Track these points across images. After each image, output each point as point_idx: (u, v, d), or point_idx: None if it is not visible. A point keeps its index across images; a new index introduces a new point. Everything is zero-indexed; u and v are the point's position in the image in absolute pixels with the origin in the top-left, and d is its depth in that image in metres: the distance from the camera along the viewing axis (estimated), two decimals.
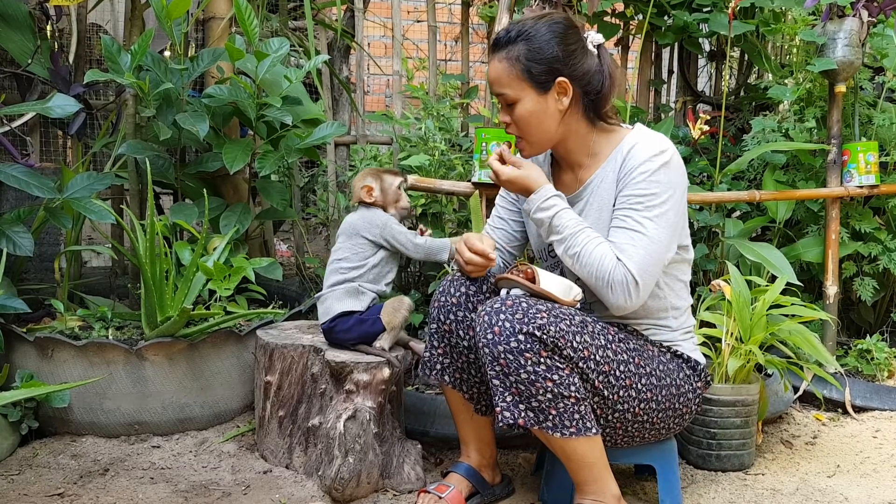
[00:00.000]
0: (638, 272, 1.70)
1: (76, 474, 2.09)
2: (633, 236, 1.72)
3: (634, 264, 1.70)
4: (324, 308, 2.10)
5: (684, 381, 1.84)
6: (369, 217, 2.12)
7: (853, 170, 2.76)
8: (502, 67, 1.77)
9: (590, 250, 1.73)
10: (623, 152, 1.78)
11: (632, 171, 1.74)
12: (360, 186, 2.13)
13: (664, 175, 1.73)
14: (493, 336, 1.66)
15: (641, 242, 1.71)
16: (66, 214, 2.46)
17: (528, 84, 1.76)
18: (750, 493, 2.07)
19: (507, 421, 1.68)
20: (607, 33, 3.21)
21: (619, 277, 1.71)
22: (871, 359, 2.81)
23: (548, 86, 1.76)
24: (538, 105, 1.77)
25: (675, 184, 1.75)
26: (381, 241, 2.10)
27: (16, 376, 2.25)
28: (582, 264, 1.74)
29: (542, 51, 1.74)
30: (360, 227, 2.11)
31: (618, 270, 1.70)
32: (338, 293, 2.08)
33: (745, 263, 2.74)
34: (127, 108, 2.72)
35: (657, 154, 1.74)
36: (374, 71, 5.65)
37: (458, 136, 2.93)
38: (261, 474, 2.11)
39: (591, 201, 1.83)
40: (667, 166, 1.74)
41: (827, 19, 2.72)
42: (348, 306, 2.07)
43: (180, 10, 2.46)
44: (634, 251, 1.71)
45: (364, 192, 2.12)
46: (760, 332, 2.18)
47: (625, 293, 1.71)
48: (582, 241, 1.74)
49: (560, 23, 1.78)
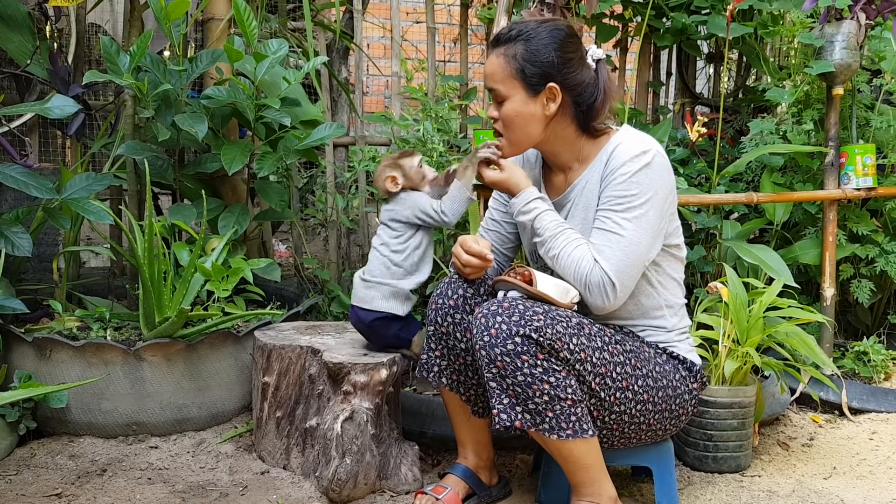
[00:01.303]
0: (614, 273, 1.71)
1: (74, 475, 2.09)
2: (610, 238, 1.73)
3: (611, 266, 1.71)
4: (367, 295, 2.05)
5: (680, 382, 1.85)
6: (400, 201, 2.06)
7: (850, 172, 2.76)
8: (498, 63, 1.80)
9: (568, 252, 1.75)
10: (608, 152, 1.80)
11: (613, 172, 1.76)
12: (384, 178, 2.07)
13: (645, 176, 1.74)
14: (490, 338, 1.66)
15: (619, 244, 1.72)
16: (65, 215, 2.46)
17: (520, 84, 1.78)
18: (746, 494, 2.08)
19: (503, 423, 1.68)
20: (606, 35, 3.22)
21: (595, 279, 1.72)
22: (868, 361, 2.81)
23: (538, 89, 1.78)
24: (526, 107, 1.80)
25: (656, 185, 1.75)
26: (415, 219, 2.03)
27: (14, 377, 2.26)
28: (561, 266, 1.76)
29: (539, 54, 1.76)
30: (394, 213, 2.06)
31: (594, 272, 1.72)
32: (385, 292, 2.04)
33: (742, 265, 2.75)
34: (126, 108, 2.73)
35: (639, 155, 1.74)
36: (373, 72, 5.65)
37: (456, 138, 2.94)
38: (258, 475, 2.11)
39: (577, 203, 1.85)
40: (648, 167, 1.74)
41: (825, 22, 2.72)
42: (393, 308, 2.04)
43: (179, 11, 2.46)
44: (611, 253, 1.72)
45: (390, 183, 2.07)
46: (757, 334, 2.19)
47: (602, 294, 1.73)
48: (561, 242, 1.76)
49: (562, 30, 1.80)
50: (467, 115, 3.30)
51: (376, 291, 2.04)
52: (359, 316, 2.07)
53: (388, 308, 2.03)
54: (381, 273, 2.04)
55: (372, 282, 2.05)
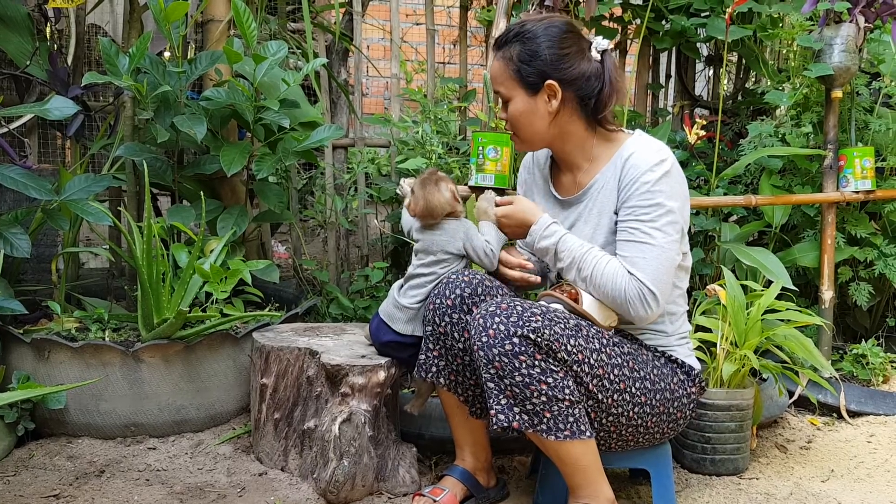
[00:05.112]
0: (652, 282, 1.72)
1: (72, 476, 2.09)
2: (642, 248, 1.73)
3: (647, 276, 1.72)
4: (402, 315, 1.99)
5: (678, 386, 1.85)
6: (449, 230, 1.96)
7: (849, 175, 2.77)
8: (498, 66, 1.84)
9: (601, 269, 1.75)
10: (623, 157, 1.79)
11: (634, 182, 1.76)
12: (448, 191, 1.94)
13: (666, 185, 1.75)
14: (488, 339, 1.67)
15: (652, 253, 1.73)
16: (64, 216, 2.46)
17: (519, 85, 1.81)
18: (744, 497, 2.08)
19: (501, 424, 1.69)
20: (605, 37, 3.22)
21: (633, 292, 1.72)
22: (867, 364, 2.81)
23: (537, 87, 1.80)
24: (528, 106, 1.82)
25: (677, 191, 1.77)
26: (464, 251, 1.96)
27: (12, 378, 2.25)
28: (595, 285, 1.76)
29: (534, 53, 1.79)
30: (445, 244, 1.95)
31: (631, 285, 1.72)
32: (413, 314, 1.99)
33: (741, 268, 2.75)
34: (125, 110, 2.73)
35: (658, 164, 1.75)
36: (372, 74, 5.65)
37: (455, 140, 2.94)
38: (256, 476, 2.11)
39: (590, 206, 1.85)
40: (668, 175, 1.75)
41: (824, 25, 2.73)
42: (412, 331, 1.99)
43: (178, 13, 2.47)
44: (645, 263, 1.72)
45: (453, 199, 1.95)
46: (755, 336, 2.19)
47: (644, 305, 1.73)
48: (591, 262, 1.76)
49: (557, 26, 1.81)
50: (466, 117, 3.30)
51: (409, 318, 2.00)
52: (379, 328, 2.04)
53: (410, 331, 2.00)
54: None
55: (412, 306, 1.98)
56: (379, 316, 2.05)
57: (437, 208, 1.94)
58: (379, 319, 2.05)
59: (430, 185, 1.95)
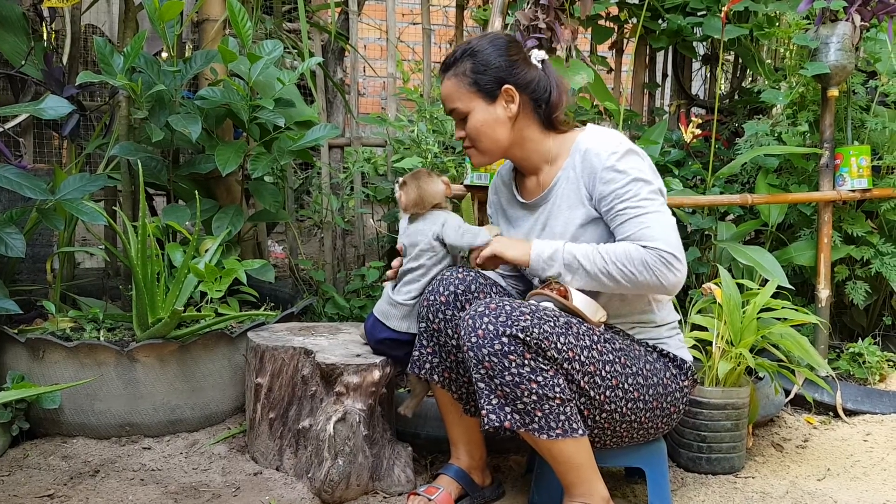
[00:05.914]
0: (666, 244, 1.70)
1: (66, 476, 2.08)
2: (640, 221, 1.73)
3: (659, 241, 1.70)
4: (397, 312, 2.00)
5: (671, 380, 1.85)
6: (447, 226, 1.96)
7: (846, 174, 2.76)
8: (451, 84, 1.88)
9: (613, 256, 1.72)
10: (580, 150, 1.83)
11: (600, 171, 1.78)
12: (441, 183, 1.98)
13: (631, 162, 1.77)
14: (477, 339, 1.66)
15: (651, 220, 1.72)
16: (59, 216, 2.46)
17: (477, 94, 1.86)
18: (740, 496, 2.08)
19: (492, 424, 1.68)
20: (601, 37, 3.22)
21: (654, 260, 1.69)
22: (863, 362, 2.81)
23: (495, 93, 1.85)
24: (488, 114, 1.86)
25: (644, 166, 1.79)
26: (442, 235, 1.96)
27: (7, 377, 2.25)
28: (619, 269, 1.71)
29: (487, 63, 1.84)
30: (438, 233, 1.96)
31: (650, 255, 1.69)
32: (407, 311, 1.99)
33: (737, 267, 2.74)
34: (120, 109, 2.72)
35: (615, 147, 1.78)
36: (368, 73, 5.65)
37: (451, 139, 2.94)
38: (251, 476, 2.11)
39: (557, 203, 1.87)
40: (630, 153, 1.78)
41: (820, 23, 2.73)
42: (408, 328, 1.99)
43: (172, 12, 2.46)
44: (651, 231, 1.71)
45: (447, 189, 1.99)
46: (751, 335, 2.18)
47: (670, 268, 1.69)
48: (601, 256, 1.73)
49: (501, 38, 1.90)
50: None
51: (402, 314, 2.00)
52: (374, 326, 2.04)
53: (404, 328, 2.00)
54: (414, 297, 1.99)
55: (407, 302, 1.99)
56: (374, 314, 2.05)
57: (428, 196, 1.97)
58: (374, 318, 2.04)
59: (424, 177, 1.99)
